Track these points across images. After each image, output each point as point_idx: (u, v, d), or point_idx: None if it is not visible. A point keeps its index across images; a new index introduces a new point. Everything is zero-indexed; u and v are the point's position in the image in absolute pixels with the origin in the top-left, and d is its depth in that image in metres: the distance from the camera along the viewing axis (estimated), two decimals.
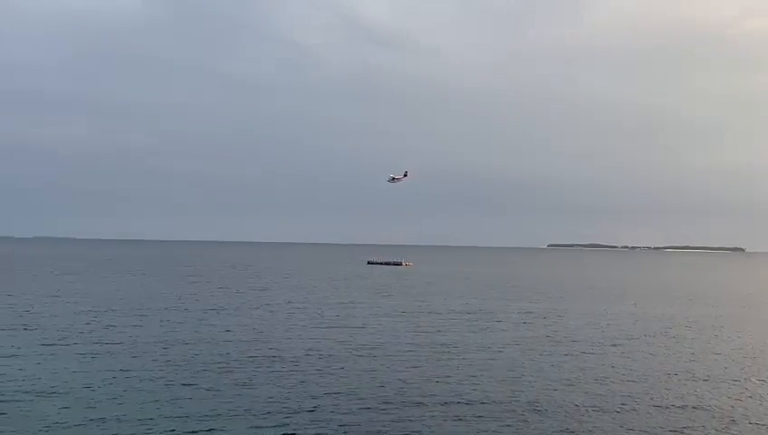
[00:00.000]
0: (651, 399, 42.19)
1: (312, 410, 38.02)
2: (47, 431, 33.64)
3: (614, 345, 63.53)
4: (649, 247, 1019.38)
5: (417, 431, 34.84)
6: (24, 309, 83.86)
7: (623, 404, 40.76)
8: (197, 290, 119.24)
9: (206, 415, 36.67)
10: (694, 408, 40.30)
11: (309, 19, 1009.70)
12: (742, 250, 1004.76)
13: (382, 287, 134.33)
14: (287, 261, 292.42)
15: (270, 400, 40.19)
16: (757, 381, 48.36)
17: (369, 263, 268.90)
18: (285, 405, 39.00)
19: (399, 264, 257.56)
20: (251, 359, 52.53)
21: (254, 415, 36.92)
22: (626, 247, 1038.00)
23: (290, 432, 34.27)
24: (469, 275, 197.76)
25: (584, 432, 35.33)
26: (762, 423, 37.55)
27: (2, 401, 38.50)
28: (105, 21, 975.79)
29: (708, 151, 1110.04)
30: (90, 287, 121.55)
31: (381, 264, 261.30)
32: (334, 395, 41.42)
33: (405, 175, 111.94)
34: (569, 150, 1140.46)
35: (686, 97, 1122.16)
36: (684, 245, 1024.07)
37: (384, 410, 38.50)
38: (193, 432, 33.89)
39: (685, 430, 35.93)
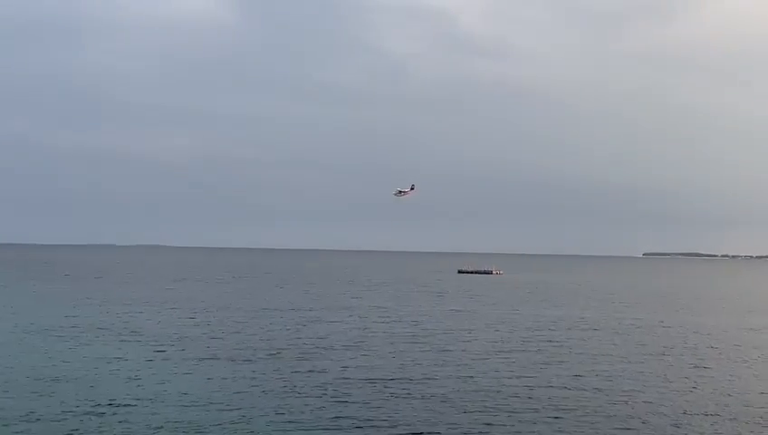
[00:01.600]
0: None
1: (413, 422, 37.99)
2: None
3: (735, 361, 61.18)
4: (751, 256, 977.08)
5: None
6: (133, 315, 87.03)
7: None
8: (293, 297, 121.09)
9: (304, 424, 37.18)
10: None
11: (401, 29, 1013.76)
12: None
13: (482, 296, 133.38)
14: (377, 270, 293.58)
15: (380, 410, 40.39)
16: None
17: (459, 272, 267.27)
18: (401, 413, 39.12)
19: (490, 272, 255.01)
20: (349, 369, 52.91)
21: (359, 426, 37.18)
22: (726, 256, 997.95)
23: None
24: (563, 283, 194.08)
25: None
26: None
27: (118, 406, 40.06)
28: (202, 33, 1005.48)
29: None
30: (208, 293, 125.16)
31: (471, 272, 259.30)
32: (442, 403, 41.33)
33: (412, 188, 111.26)
34: (664, 157, 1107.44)
35: None
36: None
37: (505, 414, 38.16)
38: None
39: None
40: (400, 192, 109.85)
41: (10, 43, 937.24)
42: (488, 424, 37.72)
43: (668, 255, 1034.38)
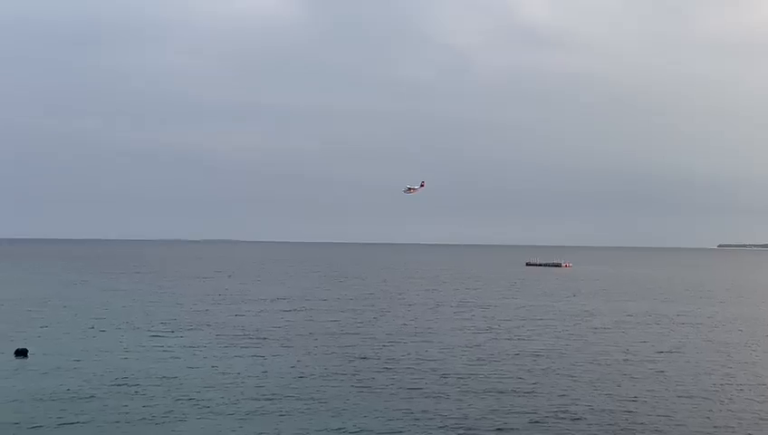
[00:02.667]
0: None
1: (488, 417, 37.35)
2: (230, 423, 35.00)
3: None
4: None
5: None
6: (200, 308, 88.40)
7: None
8: (358, 293, 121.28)
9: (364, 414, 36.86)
10: None
11: (466, 22, 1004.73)
12: None
13: (553, 289, 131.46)
14: (446, 263, 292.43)
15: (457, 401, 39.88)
16: None
17: (527, 264, 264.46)
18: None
19: (559, 265, 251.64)
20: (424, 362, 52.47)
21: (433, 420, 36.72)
22: None
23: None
24: (636, 276, 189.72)
25: None
26: None
27: (194, 395, 40.51)
28: (270, 31, 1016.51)
29: None
30: (269, 288, 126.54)
31: (540, 265, 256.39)
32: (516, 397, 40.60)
33: (422, 185, 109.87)
34: (740, 147, 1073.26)
35: None
36: None
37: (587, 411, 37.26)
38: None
39: None
40: (410, 189, 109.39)
41: (82, 44, 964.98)
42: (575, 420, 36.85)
43: (744, 246, 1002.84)
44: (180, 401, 39.63)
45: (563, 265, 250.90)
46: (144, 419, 36.31)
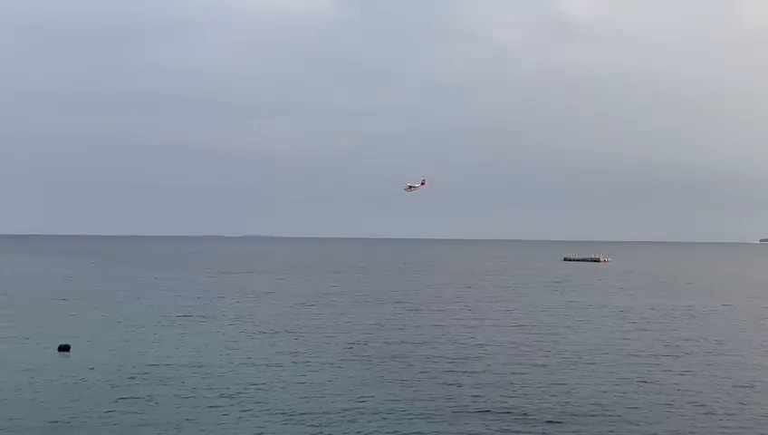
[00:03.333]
0: None
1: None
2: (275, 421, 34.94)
3: None
4: None
5: None
6: (251, 304, 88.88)
7: None
8: (408, 287, 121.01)
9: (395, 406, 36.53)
10: None
11: (501, 16, 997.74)
12: None
13: (596, 285, 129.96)
14: (482, 259, 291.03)
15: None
16: None
17: (565, 259, 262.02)
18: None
19: (597, 260, 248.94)
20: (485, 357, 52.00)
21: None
22: None
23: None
24: (676, 271, 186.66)
25: None
26: None
27: (235, 393, 40.58)
28: (304, 27, 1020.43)
29: None
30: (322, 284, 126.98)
31: (578, 260, 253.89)
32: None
33: (423, 183, 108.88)
34: None
35: None
36: None
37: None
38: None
39: None
40: (410, 187, 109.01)
41: (123, 42, 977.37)
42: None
43: None
44: (223, 397, 39.72)
45: (602, 259, 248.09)
46: (186, 413, 36.45)
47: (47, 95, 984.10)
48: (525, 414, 36.84)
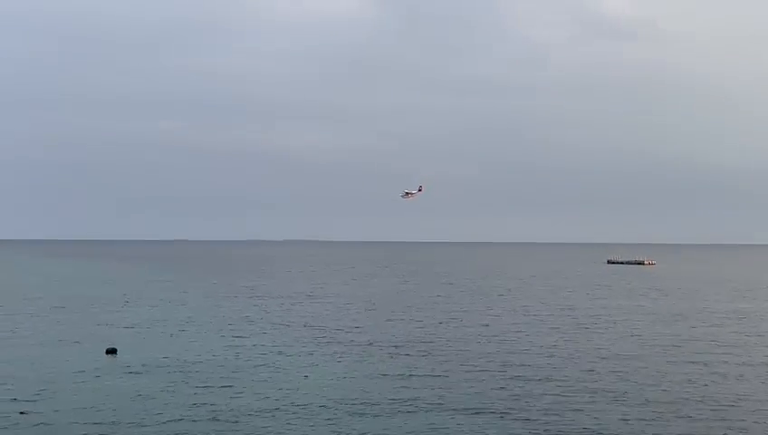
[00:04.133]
0: None
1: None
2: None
3: None
4: None
5: None
6: (305, 309, 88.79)
7: None
8: (448, 292, 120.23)
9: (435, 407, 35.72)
10: None
11: (543, 16, 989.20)
12: None
13: (640, 288, 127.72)
14: (523, 262, 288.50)
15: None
16: None
17: (608, 262, 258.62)
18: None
19: (642, 263, 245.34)
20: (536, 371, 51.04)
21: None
22: None
23: None
24: (725, 274, 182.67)
25: None
26: None
27: (280, 400, 40.18)
28: (343, 29, 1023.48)
29: None
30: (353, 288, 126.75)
31: (622, 263, 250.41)
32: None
33: (419, 189, 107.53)
34: None
35: None
36: None
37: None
38: None
39: None
40: (407, 193, 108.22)
41: (165, 46, 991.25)
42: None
43: None
44: (271, 399, 39.46)
45: (646, 262, 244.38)
46: (236, 416, 36.23)
47: (82, 101, 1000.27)
48: (568, 423, 35.82)
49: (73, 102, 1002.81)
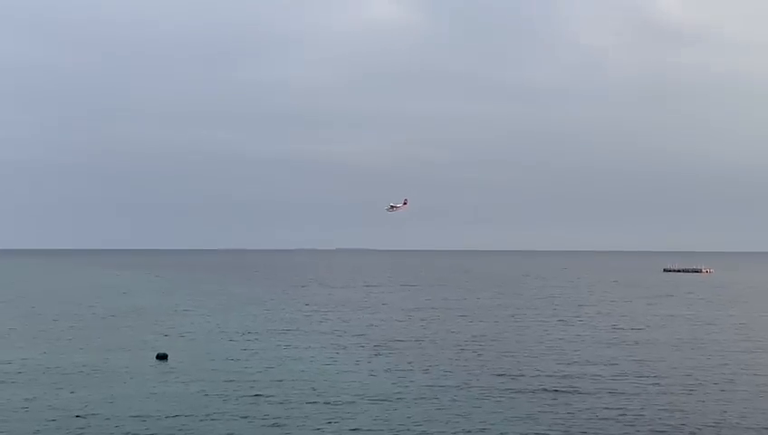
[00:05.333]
0: None
1: None
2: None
3: None
4: None
5: None
6: (352, 317, 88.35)
7: None
8: (503, 301, 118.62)
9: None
10: None
11: (596, 21, 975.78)
12: None
13: (699, 297, 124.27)
14: (580, 270, 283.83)
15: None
16: None
17: (665, 270, 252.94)
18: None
19: (699, 271, 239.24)
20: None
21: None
22: None
23: None
24: None
25: None
26: None
27: (337, 405, 39.58)
28: (390, 38, 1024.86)
29: None
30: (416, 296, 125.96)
31: (679, 271, 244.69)
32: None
33: (404, 203, 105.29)
34: None
35: None
36: None
37: None
38: None
39: None
40: (392, 207, 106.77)
41: (219, 57, 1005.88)
42: None
43: None
44: (318, 404, 39.15)
45: (703, 270, 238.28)
46: (279, 424, 35.93)
47: (147, 111, 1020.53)
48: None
49: (132, 114, 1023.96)
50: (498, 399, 41.05)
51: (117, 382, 45.62)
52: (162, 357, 54.72)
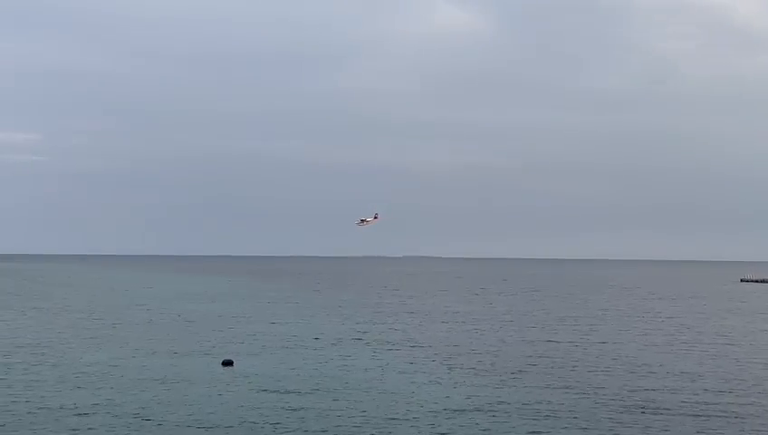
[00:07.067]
0: None
1: None
2: None
3: None
4: None
5: None
6: (416, 327, 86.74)
7: None
8: (581, 311, 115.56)
9: None
10: None
11: (669, 27, 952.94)
12: None
13: None
14: (655, 280, 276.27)
15: None
16: None
17: (742, 280, 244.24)
18: None
19: None
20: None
21: None
22: None
23: None
24: None
25: None
26: None
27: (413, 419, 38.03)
28: (461, 46, 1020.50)
29: None
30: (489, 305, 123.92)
31: (757, 281, 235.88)
32: None
33: (375, 217, 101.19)
34: None
35: None
36: None
37: None
38: None
39: None
40: (363, 221, 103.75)
41: (281, 69, 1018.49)
42: None
43: None
44: (384, 418, 37.98)
45: None
46: (344, 430, 35.05)
47: (210, 120, 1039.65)
48: None
49: (202, 123, 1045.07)
50: (574, 414, 39.01)
51: (182, 389, 45.31)
52: (228, 363, 54.34)
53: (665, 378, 50.28)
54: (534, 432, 35.22)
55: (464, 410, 39.78)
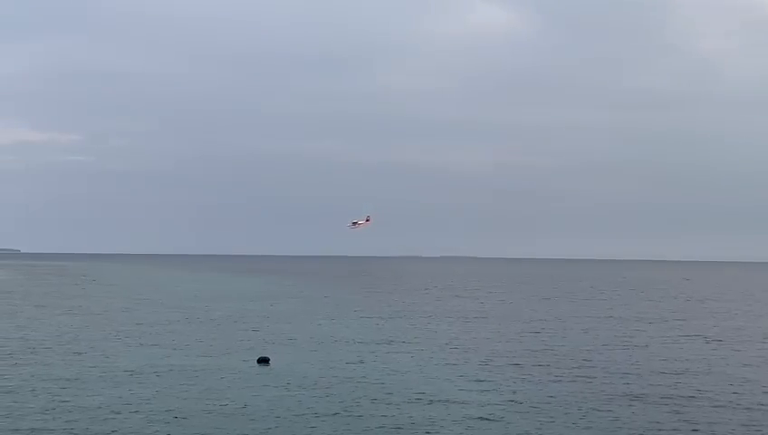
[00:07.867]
0: None
1: None
2: None
3: None
4: None
5: None
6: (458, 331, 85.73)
7: None
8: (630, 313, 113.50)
9: None
10: None
11: (713, 26, 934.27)
12: None
13: None
14: (713, 281, 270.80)
15: None
16: None
17: None
18: None
19: None
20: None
21: None
22: None
23: None
24: None
25: None
26: None
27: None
28: (501, 47, 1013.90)
29: None
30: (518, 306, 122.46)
31: None
32: None
33: (367, 220, 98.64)
34: None
35: None
36: None
37: None
38: None
39: None
40: (355, 223, 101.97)
41: (316, 73, 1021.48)
42: None
43: None
44: (423, 422, 37.21)
45: None
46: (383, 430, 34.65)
47: (253, 121, 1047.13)
48: None
49: (245, 123, 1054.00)
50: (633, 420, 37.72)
51: (218, 386, 45.14)
52: (264, 361, 54.07)
53: (718, 385, 48.66)
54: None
55: (503, 415, 38.71)
